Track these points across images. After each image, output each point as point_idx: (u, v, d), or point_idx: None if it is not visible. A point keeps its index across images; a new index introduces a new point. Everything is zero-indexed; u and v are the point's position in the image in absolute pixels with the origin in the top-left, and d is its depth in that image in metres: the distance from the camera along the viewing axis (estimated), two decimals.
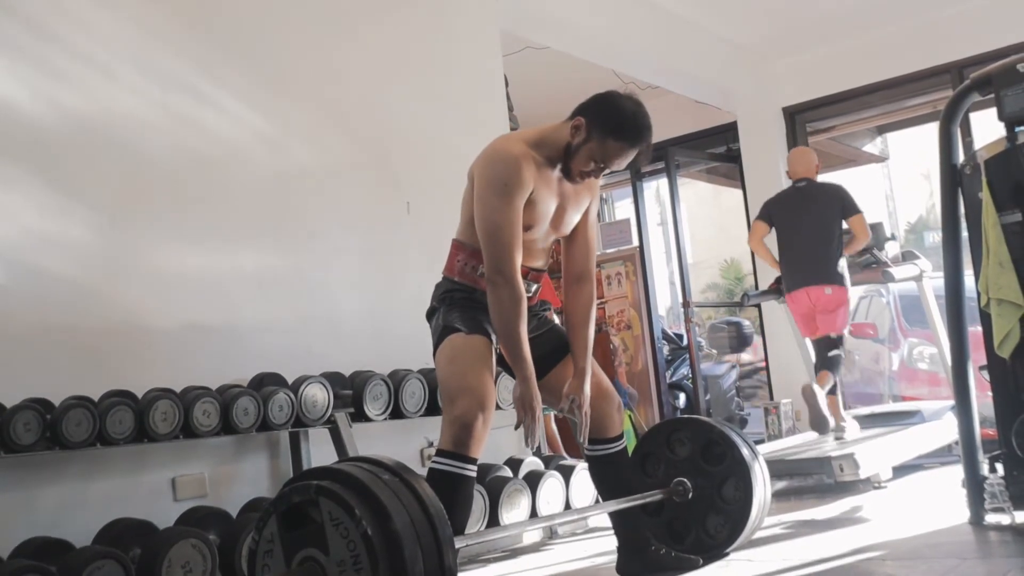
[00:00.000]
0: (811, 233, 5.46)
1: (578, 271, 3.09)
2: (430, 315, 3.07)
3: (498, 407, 2.90)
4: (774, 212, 5.68)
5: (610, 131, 2.85)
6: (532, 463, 4.21)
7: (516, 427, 2.88)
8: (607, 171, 2.96)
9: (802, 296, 5.47)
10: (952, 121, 3.68)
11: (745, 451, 3.32)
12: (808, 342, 5.68)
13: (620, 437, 3.19)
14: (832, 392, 5.46)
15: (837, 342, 5.44)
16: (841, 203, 5.44)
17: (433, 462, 2.72)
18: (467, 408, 2.70)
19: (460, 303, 2.97)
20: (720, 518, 3.31)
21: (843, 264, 5.42)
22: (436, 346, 2.96)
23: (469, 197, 2.95)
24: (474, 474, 2.74)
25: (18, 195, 3.22)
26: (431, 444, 4.12)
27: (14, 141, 3.23)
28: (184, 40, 3.77)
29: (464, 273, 2.99)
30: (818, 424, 5.24)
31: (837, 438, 5.36)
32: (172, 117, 3.68)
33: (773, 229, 5.67)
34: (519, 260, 2.82)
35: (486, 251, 2.80)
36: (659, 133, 8.50)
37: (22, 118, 3.26)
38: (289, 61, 4.15)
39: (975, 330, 3.61)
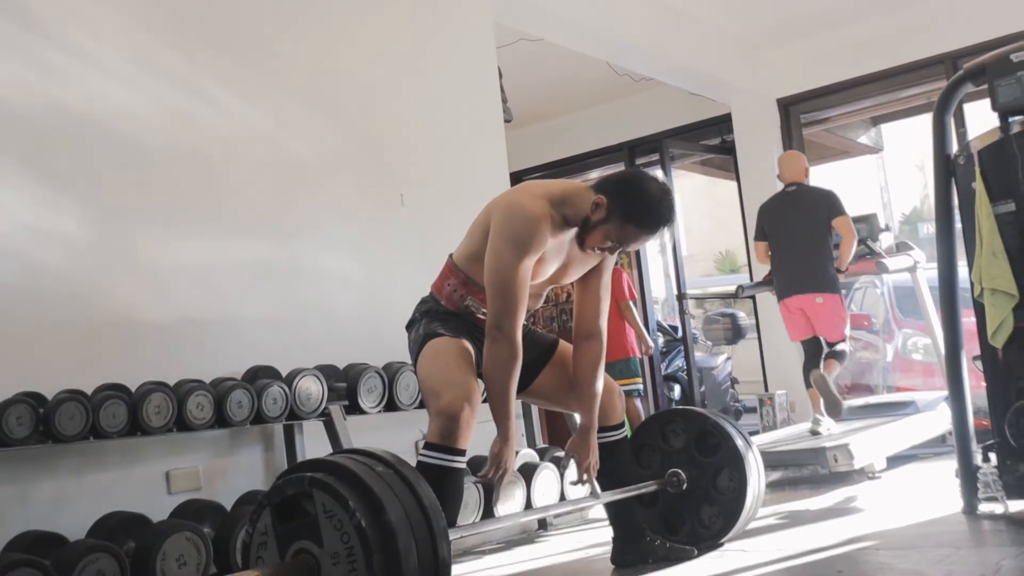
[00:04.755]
0: (801, 239, 5.45)
1: (588, 329, 3.08)
2: (410, 326, 3.06)
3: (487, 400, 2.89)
4: (766, 222, 5.67)
5: (631, 218, 2.81)
6: (527, 455, 4.21)
7: (481, 479, 2.87)
8: (621, 251, 2.94)
9: (794, 303, 5.47)
10: (946, 112, 3.68)
11: (739, 442, 3.33)
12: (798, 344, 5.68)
13: (621, 425, 3.21)
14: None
15: (842, 351, 5.44)
16: (828, 207, 5.42)
17: (421, 455, 2.70)
18: (453, 399, 2.68)
19: (442, 316, 2.98)
20: (714, 509, 3.32)
21: (833, 269, 5.41)
22: (416, 353, 2.93)
23: (480, 232, 2.90)
24: (463, 465, 2.73)
25: (10, 189, 3.21)
26: (424, 437, 4.12)
27: (5, 135, 3.21)
28: (178, 33, 3.76)
29: (451, 300, 2.99)
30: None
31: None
32: (165, 110, 3.67)
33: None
34: (523, 317, 2.81)
35: (491, 303, 2.78)
36: (653, 125, 8.53)
37: (13, 112, 3.24)
38: (283, 54, 4.14)
39: (969, 320, 3.62)
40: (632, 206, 2.81)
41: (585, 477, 3.08)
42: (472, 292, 2.95)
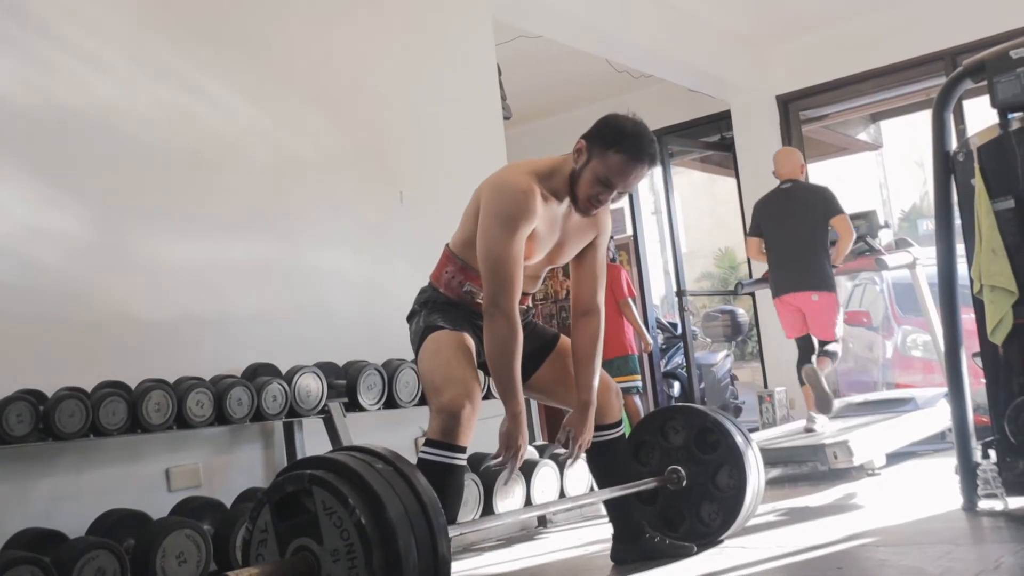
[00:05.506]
0: (796, 237, 5.45)
1: (585, 306, 3.08)
2: (410, 318, 3.06)
3: (488, 396, 2.89)
4: (762, 219, 5.68)
5: (610, 144, 2.80)
6: (526, 451, 4.21)
7: (493, 464, 2.86)
8: (615, 193, 2.87)
9: (788, 301, 5.47)
10: (945, 108, 3.67)
11: (739, 439, 3.33)
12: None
13: (619, 423, 3.21)
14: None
15: (831, 349, 5.44)
16: (825, 205, 5.42)
17: (422, 452, 2.71)
18: (454, 396, 2.68)
19: (442, 307, 2.98)
20: (714, 506, 3.32)
21: (829, 267, 5.42)
22: (417, 345, 2.93)
23: (472, 216, 2.90)
24: (464, 462, 2.73)
25: (9, 187, 3.20)
26: (425, 434, 4.12)
27: (4, 133, 3.21)
28: (176, 30, 3.76)
29: (450, 287, 2.99)
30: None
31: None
32: (163, 108, 3.66)
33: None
34: (518, 294, 2.80)
35: (486, 283, 2.78)
36: (652, 122, 8.49)
37: (12, 110, 3.24)
38: (281, 51, 4.13)
39: (968, 317, 3.62)
40: (610, 134, 2.83)
41: (575, 453, 3.05)
42: (470, 278, 2.95)
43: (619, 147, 2.80)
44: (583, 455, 3.12)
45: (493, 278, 2.75)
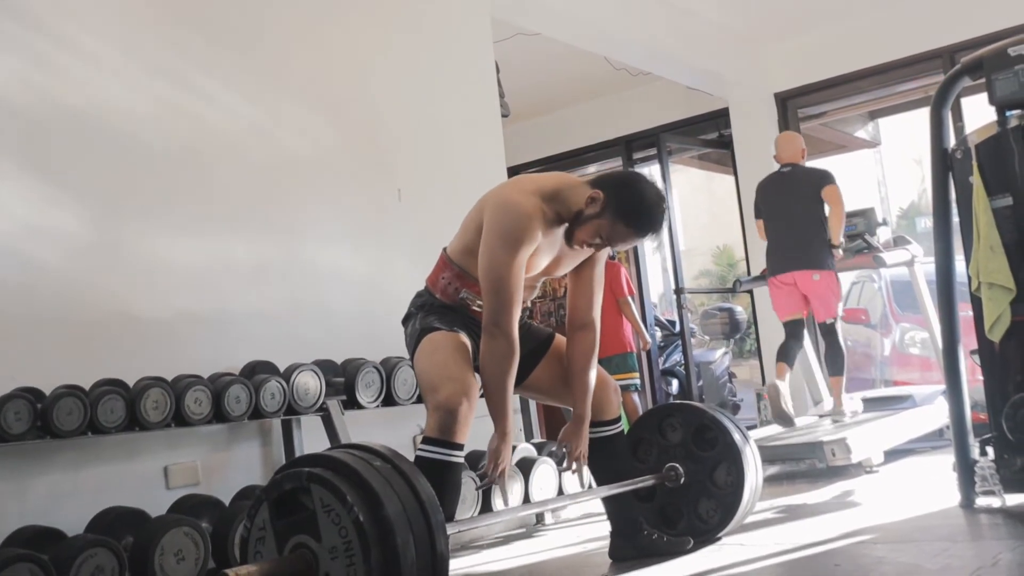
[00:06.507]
0: (796, 218, 5.47)
1: (581, 320, 3.09)
2: (406, 320, 3.07)
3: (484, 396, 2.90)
4: (761, 200, 5.69)
5: (624, 215, 2.83)
6: (525, 450, 4.22)
7: (479, 485, 2.88)
8: (608, 249, 2.98)
9: (788, 280, 5.48)
10: (943, 105, 3.68)
11: (737, 436, 3.33)
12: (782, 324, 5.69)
13: (617, 420, 3.22)
14: (839, 374, 5.47)
15: (832, 327, 5.45)
16: (821, 182, 5.44)
17: (419, 450, 2.72)
18: (451, 394, 2.69)
19: (438, 310, 2.99)
20: (712, 503, 3.32)
21: (828, 247, 5.43)
22: (413, 347, 2.95)
23: (472, 226, 2.91)
24: (461, 460, 2.74)
25: (9, 186, 3.20)
26: (423, 431, 4.12)
27: (3, 132, 3.20)
28: (174, 29, 3.75)
29: (446, 293, 3.00)
30: (782, 420, 5.26)
31: (835, 421, 5.38)
32: (162, 106, 3.66)
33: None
34: (519, 314, 2.83)
35: (487, 302, 2.80)
36: (650, 119, 8.50)
37: (11, 108, 3.24)
38: (279, 50, 4.13)
39: (966, 315, 3.62)
40: (627, 205, 2.83)
41: (575, 466, 3.09)
42: (467, 285, 2.96)
43: (630, 223, 2.85)
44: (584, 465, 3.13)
45: (495, 298, 2.77)
